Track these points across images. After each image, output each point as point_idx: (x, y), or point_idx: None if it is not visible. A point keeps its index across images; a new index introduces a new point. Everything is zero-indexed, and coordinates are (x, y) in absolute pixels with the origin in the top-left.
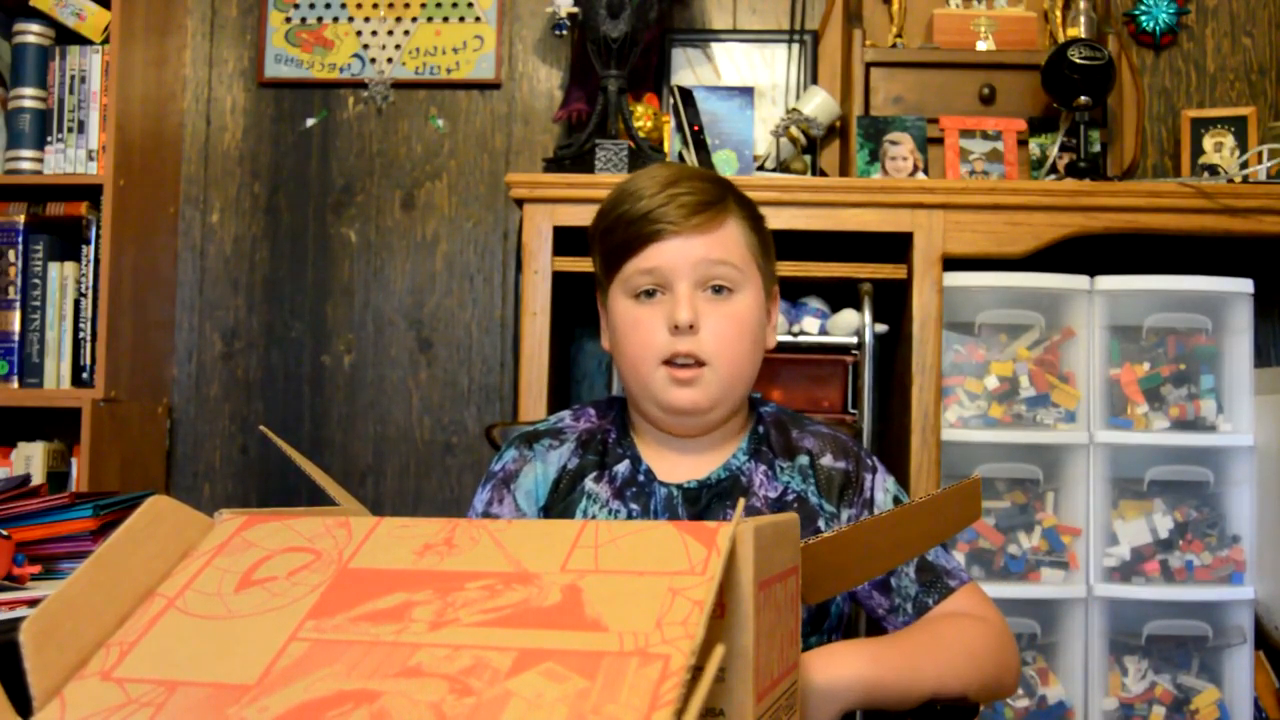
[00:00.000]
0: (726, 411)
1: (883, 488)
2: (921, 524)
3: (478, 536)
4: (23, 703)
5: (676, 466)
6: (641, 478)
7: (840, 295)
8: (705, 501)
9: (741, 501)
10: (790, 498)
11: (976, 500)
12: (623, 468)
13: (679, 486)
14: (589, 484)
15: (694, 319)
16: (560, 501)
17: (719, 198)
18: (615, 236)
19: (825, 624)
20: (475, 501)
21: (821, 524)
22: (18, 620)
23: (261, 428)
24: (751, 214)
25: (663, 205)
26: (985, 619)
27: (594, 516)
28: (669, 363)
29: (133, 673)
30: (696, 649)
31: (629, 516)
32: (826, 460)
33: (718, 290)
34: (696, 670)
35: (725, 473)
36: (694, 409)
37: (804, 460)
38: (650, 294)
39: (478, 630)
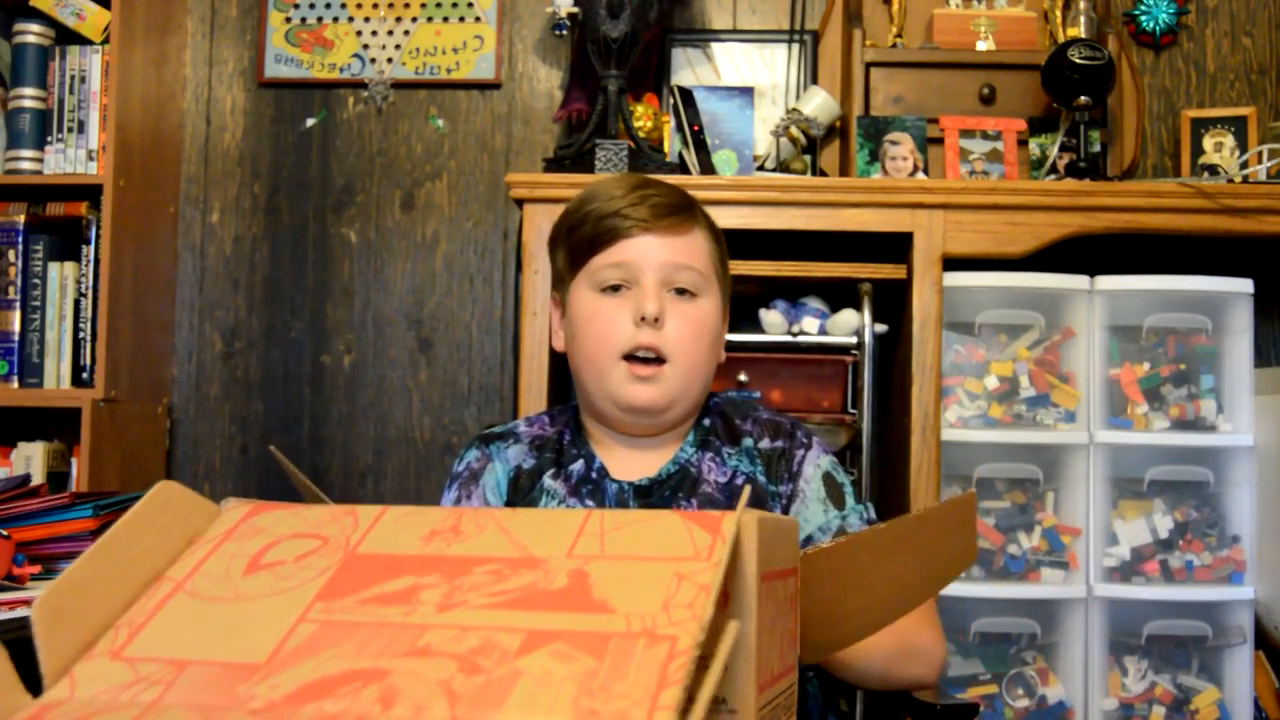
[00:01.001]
0: (681, 413)
1: (814, 463)
2: (915, 547)
3: (484, 524)
4: (33, 685)
5: (629, 463)
6: (594, 475)
7: (840, 295)
8: (656, 496)
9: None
10: (740, 480)
11: (971, 525)
12: (577, 466)
13: (630, 484)
14: (547, 480)
15: (660, 312)
16: (522, 499)
17: (687, 205)
18: (584, 231)
19: None
20: (443, 503)
21: (770, 504)
22: (18, 620)
23: (272, 449)
24: (714, 228)
25: (634, 204)
26: None
27: None
28: (629, 358)
29: (142, 652)
30: (705, 627)
31: None
32: (765, 444)
33: (682, 292)
34: (703, 659)
35: (674, 466)
36: (651, 407)
37: (749, 443)
38: (615, 288)
39: (486, 612)
